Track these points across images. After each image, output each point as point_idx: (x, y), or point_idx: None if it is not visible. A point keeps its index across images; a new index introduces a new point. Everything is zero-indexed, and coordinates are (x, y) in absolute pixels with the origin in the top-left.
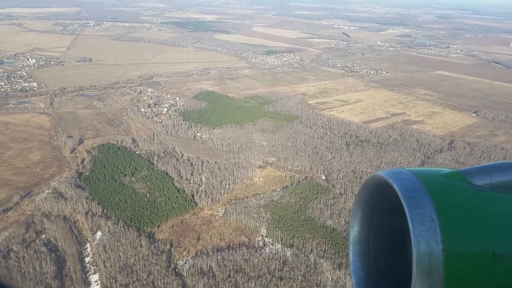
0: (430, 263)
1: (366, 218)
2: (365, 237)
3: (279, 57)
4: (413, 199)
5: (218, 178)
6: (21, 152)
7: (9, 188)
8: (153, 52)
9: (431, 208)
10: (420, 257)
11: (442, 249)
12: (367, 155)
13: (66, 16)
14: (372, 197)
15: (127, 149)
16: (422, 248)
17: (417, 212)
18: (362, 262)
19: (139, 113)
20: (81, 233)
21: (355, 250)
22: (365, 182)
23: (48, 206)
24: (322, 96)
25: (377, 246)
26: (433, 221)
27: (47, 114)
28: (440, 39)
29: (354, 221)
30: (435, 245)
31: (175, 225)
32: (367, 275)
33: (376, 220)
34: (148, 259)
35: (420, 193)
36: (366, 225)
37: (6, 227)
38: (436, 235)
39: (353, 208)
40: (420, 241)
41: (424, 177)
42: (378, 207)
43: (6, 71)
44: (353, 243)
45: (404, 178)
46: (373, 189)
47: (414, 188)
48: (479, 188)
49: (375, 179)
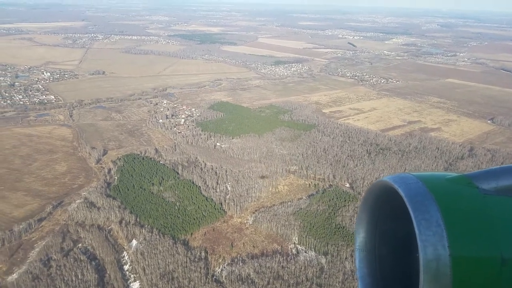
0: (438, 268)
1: (372, 224)
2: (371, 243)
3: (287, 67)
4: (419, 204)
5: (243, 186)
6: (47, 163)
7: (40, 199)
8: (164, 65)
9: (437, 213)
10: (427, 263)
11: (449, 254)
12: (389, 162)
13: (74, 30)
14: (378, 202)
15: (151, 159)
16: (429, 254)
17: (423, 217)
18: (368, 268)
19: (158, 124)
20: (116, 242)
21: (361, 256)
22: (370, 188)
23: (81, 216)
24: (335, 105)
25: (383, 252)
26: (440, 226)
27: (68, 126)
28: (446, 47)
29: (360, 227)
30: (442, 250)
31: (207, 233)
32: (374, 281)
33: (382, 226)
34: (186, 266)
35: (425, 198)
36: (372, 231)
37: (43, 237)
38: (443, 240)
39: (359, 214)
40: (427, 246)
41: (430, 182)
42: (384, 212)
43: (23, 84)
44: (359, 249)
45: (409, 183)
46: (378, 195)
47: (419, 193)
48: (486, 192)
49: (380, 184)
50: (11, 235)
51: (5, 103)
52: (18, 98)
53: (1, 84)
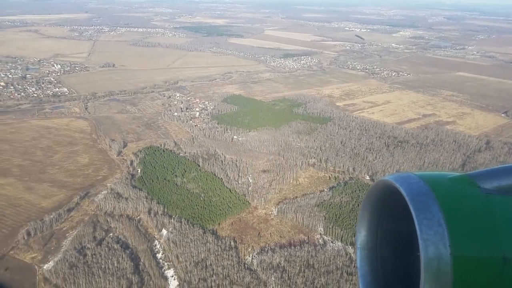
0: (439, 267)
1: (373, 222)
2: (372, 242)
3: (297, 60)
4: (420, 203)
5: (264, 179)
6: (69, 155)
7: (66, 190)
8: (173, 57)
9: (438, 212)
10: (428, 262)
11: (451, 253)
12: (408, 155)
13: (79, 22)
14: (379, 201)
15: (171, 152)
16: (430, 253)
17: (424, 216)
18: (369, 267)
19: (173, 117)
20: (147, 231)
21: (362, 255)
22: (372, 187)
23: (109, 206)
24: (348, 98)
25: (384, 250)
26: (441, 225)
27: (85, 118)
28: (454, 40)
29: (361, 226)
30: (444, 249)
31: (234, 223)
32: (375, 280)
33: (384, 225)
34: (219, 254)
35: (427, 197)
36: (373, 229)
37: (73, 227)
38: (444, 239)
39: (360, 213)
40: (428, 246)
41: (432, 181)
42: (385, 211)
43: (34, 77)
44: (361, 248)
45: (411, 182)
46: (380, 194)
47: (421, 192)
48: (487, 192)
49: (382, 183)
50: (42, 225)
51: (19, 96)
52: (31, 90)
53: (13, 76)
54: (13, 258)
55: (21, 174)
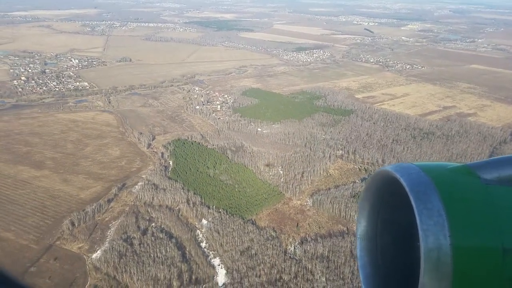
0: (438, 257)
1: (373, 213)
2: (372, 232)
3: (309, 53)
4: (420, 194)
5: (294, 170)
6: (100, 148)
7: (102, 181)
8: (187, 52)
9: (438, 202)
10: (428, 252)
11: (450, 244)
12: (435, 147)
13: (89, 17)
14: (379, 192)
15: (199, 144)
16: (430, 243)
17: (424, 207)
18: (369, 257)
19: (196, 110)
20: (187, 221)
21: (362, 245)
22: (372, 177)
23: (147, 197)
24: (366, 90)
25: (384, 241)
26: (441, 215)
27: (109, 112)
28: (463, 33)
29: (361, 216)
30: (443, 239)
31: (270, 214)
32: (375, 270)
33: (384, 215)
34: (262, 243)
35: (427, 187)
36: (373, 220)
37: (115, 217)
38: (444, 229)
39: (360, 203)
40: (428, 236)
41: (432, 172)
42: (385, 202)
43: (53, 71)
44: (361, 238)
45: (411, 172)
46: (380, 184)
47: (421, 183)
48: (488, 182)
49: (382, 174)
50: (85, 215)
51: (41, 90)
52: (53, 84)
53: (33, 71)
54: (60, 248)
55: (55, 167)
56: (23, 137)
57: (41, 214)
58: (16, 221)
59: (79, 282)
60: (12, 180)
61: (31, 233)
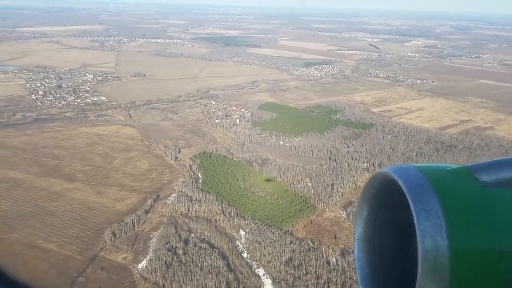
0: (436, 259)
1: (371, 214)
2: (370, 234)
3: (318, 68)
4: (418, 195)
5: (323, 182)
6: (128, 161)
7: (136, 193)
8: (198, 67)
9: (436, 204)
10: (425, 253)
11: (448, 245)
12: (460, 160)
13: (97, 33)
14: (378, 193)
15: (225, 157)
16: (428, 244)
17: (422, 208)
18: (367, 258)
19: (215, 124)
20: (225, 231)
21: (360, 246)
22: (370, 179)
23: (183, 208)
24: (381, 104)
25: (382, 242)
26: (439, 217)
27: (131, 125)
28: (467, 49)
29: (359, 218)
30: (441, 241)
31: (306, 225)
32: (373, 271)
33: (382, 217)
34: (305, 254)
35: (425, 189)
36: (371, 221)
37: (154, 228)
38: (441, 231)
39: (359, 205)
40: (425, 237)
41: (430, 173)
42: (384, 203)
43: (69, 86)
44: (359, 239)
45: (409, 174)
46: (378, 186)
47: (419, 184)
48: (486, 184)
49: (380, 175)
50: (125, 226)
51: (60, 104)
52: (71, 99)
53: (49, 85)
54: (105, 258)
55: (87, 179)
56: (50, 150)
57: (81, 226)
58: (56, 232)
59: None
60: (46, 192)
61: (74, 244)
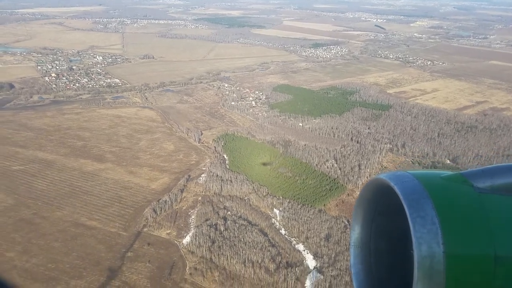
0: (432, 265)
1: (367, 220)
2: (366, 240)
3: (327, 49)
4: (414, 202)
5: (349, 163)
6: (153, 142)
7: (168, 173)
8: (205, 49)
9: (432, 210)
10: (421, 260)
11: (444, 252)
12: (481, 140)
13: (97, 14)
14: (373, 200)
15: (247, 139)
16: (424, 251)
17: (418, 215)
18: (363, 265)
19: (232, 106)
20: (260, 210)
21: (356, 252)
22: (366, 185)
23: (215, 187)
24: (395, 86)
25: (378, 248)
26: (434, 223)
27: (150, 108)
28: (473, 30)
29: (355, 224)
30: (436, 247)
31: (338, 204)
32: (368, 277)
33: (378, 223)
34: (342, 231)
35: (421, 195)
36: (367, 227)
37: (192, 206)
38: (437, 237)
39: (355, 211)
40: (421, 244)
41: (426, 180)
42: (380, 210)
43: (81, 68)
44: (354, 245)
45: (405, 181)
46: (374, 192)
47: (415, 191)
48: (481, 191)
49: (376, 182)
50: (164, 204)
51: (74, 86)
52: (84, 81)
53: (60, 68)
54: (150, 234)
55: (116, 160)
56: (74, 132)
57: (120, 204)
58: (97, 210)
59: (179, 265)
60: (79, 172)
61: (116, 221)
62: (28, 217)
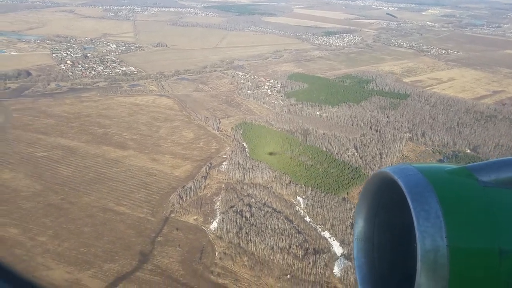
0: (435, 259)
1: (371, 214)
2: (369, 233)
3: (339, 38)
4: (418, 195)
5: (370, 152)
6: (173, 130)
7: (190, 161)
8: (217, 37)
9: (436, 204)
10: (425, 253)
11: (447, 245)
12: (502, 129)
13: (107, 2)
14: (377, 193)
15: (266, 127)
16: (427, 244)
17: (422, 208)
18: (366, 258)
19: (247, 95)
20: (283, 197)
21: (359, 246)
22: (370, 178)
23: (238, 175)
24: (411, 74)
25: (381, 242)
26: (438, 217)
27: (167, 96)
28: (486, 18)
29: (358, 217)
30: (440, 241)
31: None
32: (372, 270)
33: (381, 217)
34: None
35: (425, 189)
36: (371, 221)
37: (216, 193)
38: (441, 231)
39: (358, 205)
40: (425, 237)
41: (430, 173)
42: (383, 203)
43: (95, 56)
44: (358, 239)
45: (409, 174)
46: (378, 186)
47: (419, 184)
48: (485, 184)
49: (380, 175)
50: (189, 191)
51: (91, 74)
52: (100, 69)
53: (75, 55)
54: (178, 220)
55: (138, 147)
56: (94, 119)
57: (146, 190)
58: (124, 196)
59: (208, 249)
60: (102, 159)
61: (144, 207)
62: (57, 202)
